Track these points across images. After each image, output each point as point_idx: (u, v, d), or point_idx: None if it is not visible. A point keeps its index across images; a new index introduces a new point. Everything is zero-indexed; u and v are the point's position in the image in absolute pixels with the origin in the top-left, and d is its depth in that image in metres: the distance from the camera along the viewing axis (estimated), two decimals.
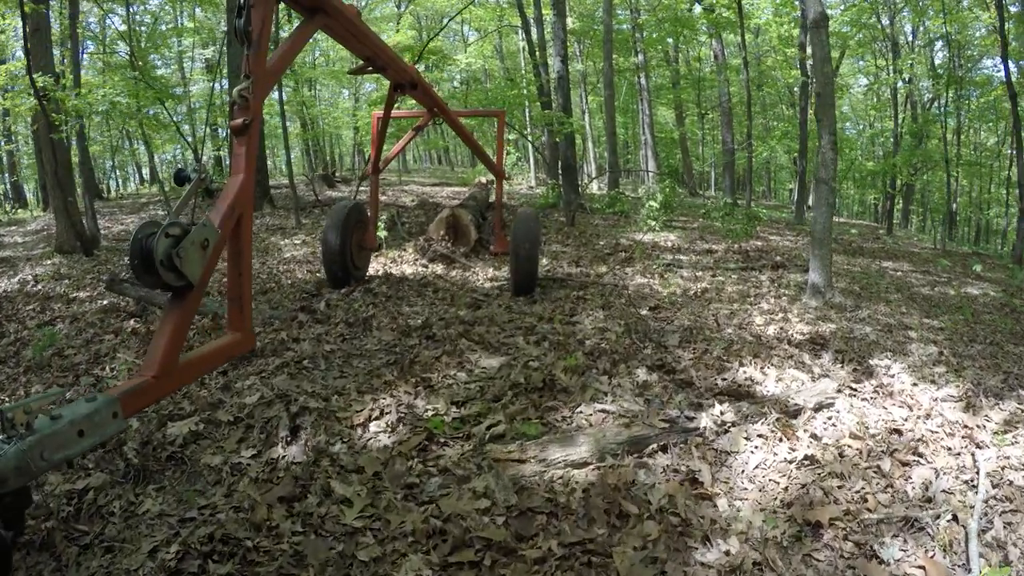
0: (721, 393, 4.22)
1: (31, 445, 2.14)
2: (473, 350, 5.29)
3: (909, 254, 14.50)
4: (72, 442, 2.30)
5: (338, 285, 7.08)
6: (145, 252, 2.70)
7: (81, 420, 2.32)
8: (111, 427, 2.46)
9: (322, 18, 4.23)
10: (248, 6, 3.32)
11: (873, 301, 8.11)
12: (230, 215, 3.13)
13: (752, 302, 7.36)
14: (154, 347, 2.81)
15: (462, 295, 7.07)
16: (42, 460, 2.18)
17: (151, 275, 2.76)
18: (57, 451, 2.24)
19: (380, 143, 7.79)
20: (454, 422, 4.00)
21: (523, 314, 6.40)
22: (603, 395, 4.14)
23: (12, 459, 2.09)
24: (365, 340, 5.82)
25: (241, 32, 3.33)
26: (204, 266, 2.90)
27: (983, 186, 30.57)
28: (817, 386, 4.29)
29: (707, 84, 23.45)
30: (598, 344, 5.29)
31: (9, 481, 2.09)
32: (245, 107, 3.31)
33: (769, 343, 5.66)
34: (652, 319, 6.50)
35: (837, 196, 32.11)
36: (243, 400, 4.41)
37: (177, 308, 2.87)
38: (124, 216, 15.95)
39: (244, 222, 3.28)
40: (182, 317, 2.87)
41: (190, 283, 2.85)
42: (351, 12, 4.60)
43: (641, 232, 12.27)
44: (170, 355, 2.78)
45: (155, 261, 2.69)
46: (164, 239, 2.73)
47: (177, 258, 2.75)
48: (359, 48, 5.33)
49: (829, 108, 7.19)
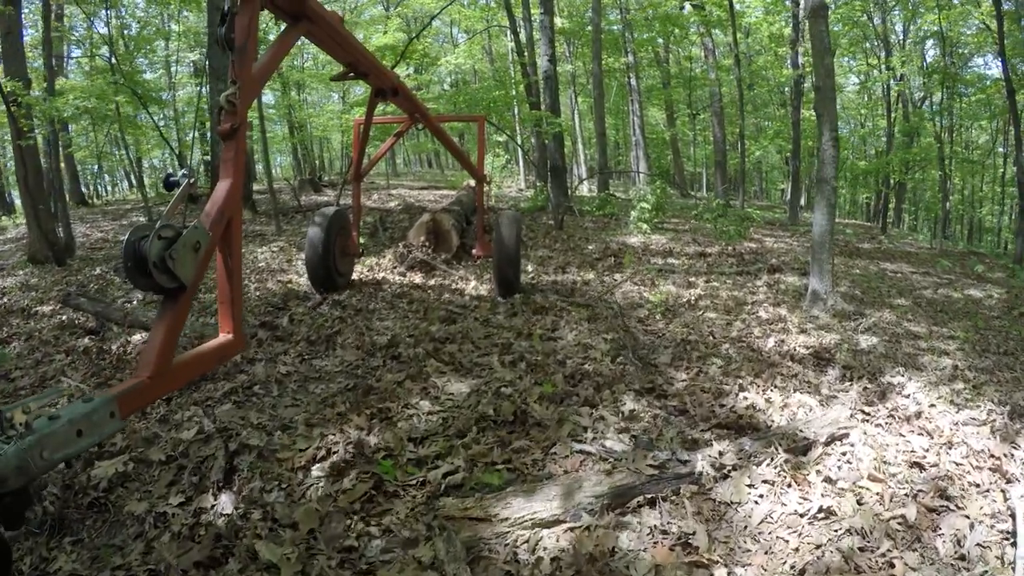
0: (720, 425, 3.61)
1: (31, 445, 2.11)
2: (442, 372, 4.68)
3: (907, 254, 13.92)
4: (71, 442, 2.27)
5: (322, 292, 6.81)
6: (138, 255, 2.68)
7: (79, 420, 2.30)
8: (109, 427, 2.45)
9: (305, 24, 4.21)
10: (232, 13, 3.31)
11: (877, 307, 7.52)
12: (220, 218, 3.11)
13: (749, 310, 6.76)
14: (148, 348, 2.78)
15: (436, 308, 6.46)
16: (42, 460, 2.15)
17: (144, 277, 2.72)
18: (56, 451, 2.21)
19: (362, 149, 7.57)
20: (408, 464, 3.39)
21: (501, 328, 5.79)
22: (582, 431, 3.52)
23: (13, 459, 2.06)
24: (326, 360, 5.21)
25: (223, 39, 3.32)
26: (196, 268, 2.88)
27: (975, 184, 30.04)
28: (828, 414, 3.69)
29: (698, 83, 22.79)
30: (580, 365, 4.68)
31: (10, 481, 2.06)
32: (232, 112, 3.29)
33: (770, 359, 5.06)
34: (642, 331, 5.90)
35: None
36: (180, 435, 3.84)
37: (170, 310, 2.84)
38: (106, 223, 15.36)
39: (233, 225, 3.26)
40: (175, 319, 2.84)
41: (183, 285, 2.82)
42: (334, 18, 4.57)
43: (631, 235, 11.66)
44: (164, 356, 2.75)
45: (148, 263, 2.66)
46: (157, 241, 2.70)
47: (170, 260, 2.72)
48: (341, 54, 5.23)
49: (830, 102, 6.60)
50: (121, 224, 14.87)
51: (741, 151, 16.65)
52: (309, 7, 4.10)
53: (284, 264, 9.17)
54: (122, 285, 8.04)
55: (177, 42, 22.25)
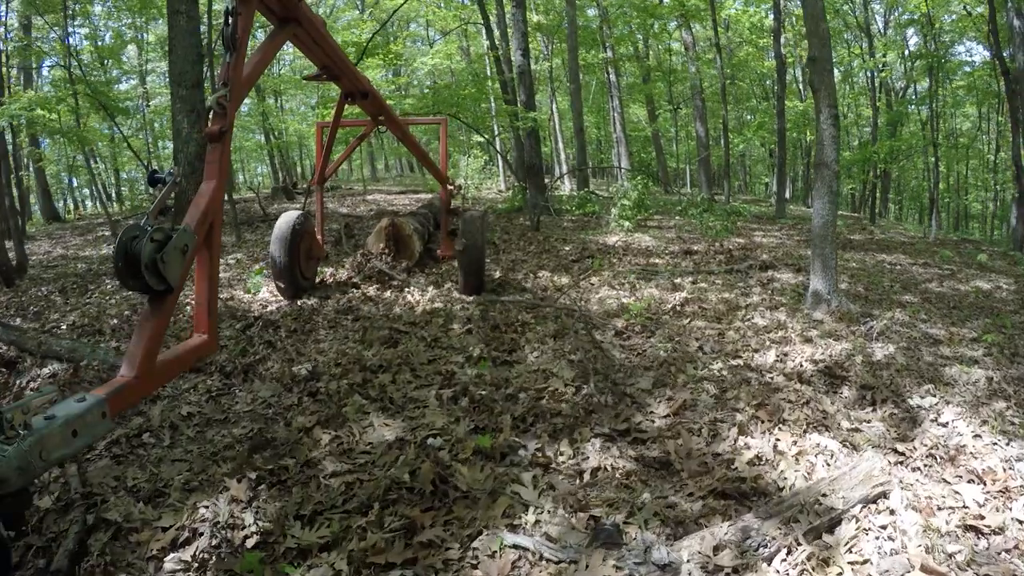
0: (715, 492, 2.58)
1: (32, 445, 2.00)
2: (365, 412, 3.65)
3: (901, 244, 12.91)
4: (68, 442, 2.15)
5: (289, 299, 6.43)
6: (130, 256, 2.58)
7: (74, 420, 2.18)
8: (100, 427, 2.32)
9: (293, 27, 4.20)
10: (236, 14, 3.25)
11: (884, 305, 6.53)
12: (203, 221, 3.01)
13: (743, 316, 5.76)
14: (133, 349, 2.65)
15: (378, 327, 5.42)
16: (41, 460, 2.03)
17: (134, 278, 2.61)
18: (55, 451, 2.09)
19: (327, 153, 7.40)
20: (285, 559, 2.37)
21: (450, 350, 4.76)
22: (523, 509, 2.49)
23: (14, 459, 1.95)
24: (237, 398, 4.19)
25: (228, 39, 3.26)
26: (182, 270, 2.80)
27: (960, 171, 29.07)
28: (858, 467, 2.68)
29: (678, 77, 21.72)
30: (536, 400, 3.64)
31: (11, 481, 1.94)
32: (222, 115, 3.22)
33: (773, 381, 4.05)
34: (618, 347, 4.88)
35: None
36: (40, 502, 2.89)
37: (156, 311, 2.73)
38: (72, 238, 14.33)
39: (215, 228, 3.16)
40: (160, 320, 2.73)
41: (170, 287, 2.71)
42: (319, 22, 4.58)
43: (612, 234, 10.64)
44: (149, 357, 2.64)
45: (141, 265, 2.57)
46: (150, 244, 2.60)
47: (162, 263, 2.63)
48: (321, 57, 5.14)
49: (827, 74, 5.60)
50: (86, 239, 13.87)
51: (725, 144, 15.66)
52: (300, 10, 4.09)
53: (234, 279, 8.11)
54: (61, 307, 7.03)
55: (146, 52, 21.16)
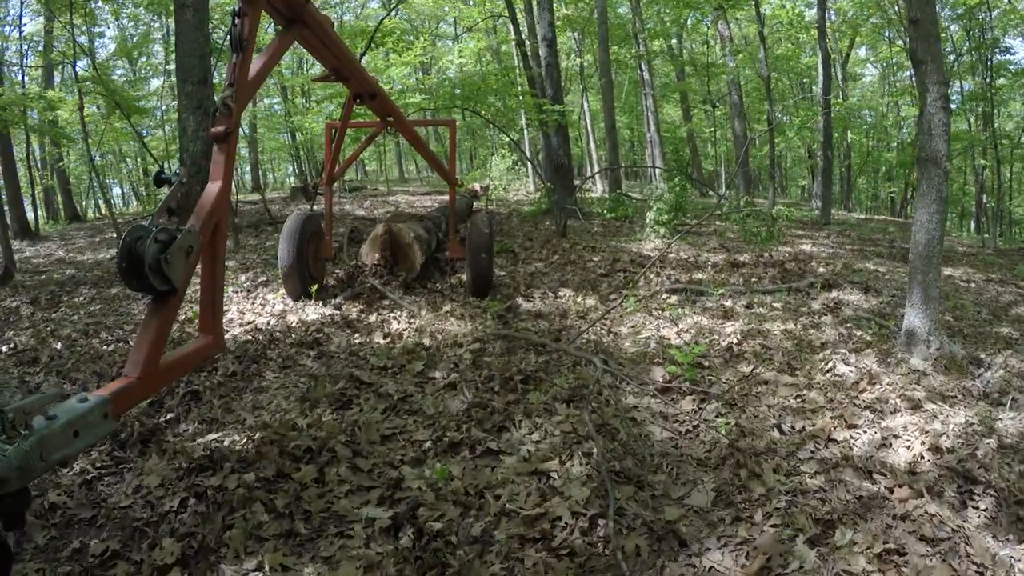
0: None
1: (32, 445, 1.94)
2: (259, 540, 2.24)
3: (963, 256, 11.09)
4: (68, 442, 2.09)
5: (297, 298, 6.06)
6: (135, 256, 2.48)
7: (76, 420, 2.11)
8: (102, 427, 2.24)
9: (299, 29, 4.02)
10: (243, 15, 3.17)
11: (986, 342, 4.94)
12: (208, 221, 2.87)
13: (820, 362, 4.21)
14: (137, 349, 2.52)
15: (334, 375, 3.97)
16: (42, 460, 1.97)
17: (138, 279, 2.50)
18: (55, 451, 2.03)
19: (336, 153, 6.95)
20: None
21: (417, 419, 3.32)
22: None
23: (15, 460, 1.89)
24: (119, 485, 2.83)
25: (236, 40, 3.15)
26: (186, 271, 2.68)
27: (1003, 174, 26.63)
28: None
29: (716, 71, 19.89)
30: (520, 544, 2.16)
31: (12, 481, 1.88)
32: (227, 115, 3.09)
33: (880, 491, 2.51)
34: (658, 416, 3.39)
35: (853, 190, 28.45)
36: None
37: (159, 312, 2.58)
38: (81, 240, 13.33)
39: (220, 228, 3.00)
40: (164, 321, 2.59)
41: (174, 287, 2.59)
42: (327, 23, 4.34)
43: (647, 240, 9.09)
44: (152, 357, 2.50)
45: (145, 266, 2.47)
46: (154, 244, 2.50)
47: (165, 263, 2.52)
48: (329, 59, 4.93)
49: (933, 40, 4.03)
50: (92, 241, 12.86)
51: (771, 142, 13.91)
52: (307, 12, 3.94)
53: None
54: (20, 323, 5.88)
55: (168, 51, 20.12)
